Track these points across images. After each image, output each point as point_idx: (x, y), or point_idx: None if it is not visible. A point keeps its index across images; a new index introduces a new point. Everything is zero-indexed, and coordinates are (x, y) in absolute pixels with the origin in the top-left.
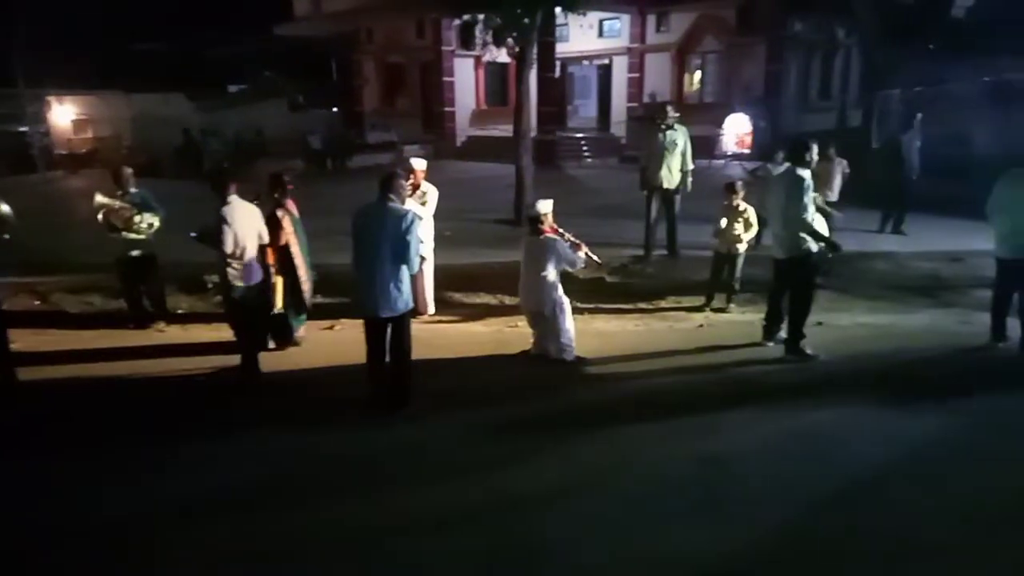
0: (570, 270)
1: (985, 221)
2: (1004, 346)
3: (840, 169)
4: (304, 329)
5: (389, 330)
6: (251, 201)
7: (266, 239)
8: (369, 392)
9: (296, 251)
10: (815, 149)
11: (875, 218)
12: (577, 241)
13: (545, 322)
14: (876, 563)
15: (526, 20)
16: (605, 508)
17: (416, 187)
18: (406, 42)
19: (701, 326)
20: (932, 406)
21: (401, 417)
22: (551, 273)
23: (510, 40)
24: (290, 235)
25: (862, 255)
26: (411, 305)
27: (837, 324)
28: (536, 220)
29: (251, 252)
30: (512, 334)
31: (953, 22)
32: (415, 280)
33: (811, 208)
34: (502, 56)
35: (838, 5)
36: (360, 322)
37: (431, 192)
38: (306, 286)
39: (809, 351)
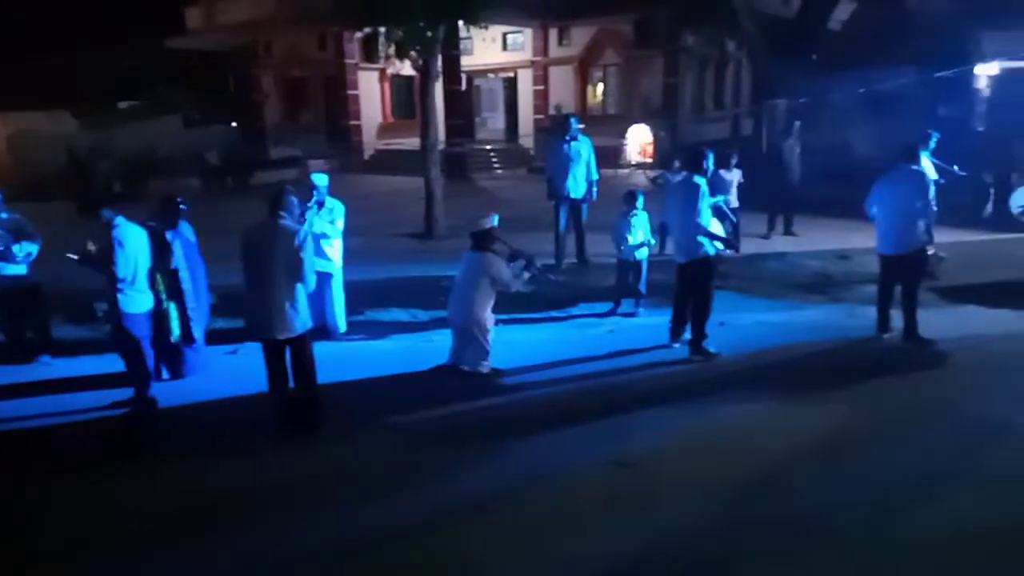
0: (504, 291)
1: (867, 220)
2: (889, 337)
3: (737, 177)
4: (201, 356)
5: (289, 353)
6: (142, 223)
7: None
8: (276, 418)
9: (188, 277)
10: (711, 158)
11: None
12: (529, 254)
13: (467, 336)
14: (778, 551)
15: (429, 33)
16: (528, 515)
17: (321, 204)
18: (308, 55)
19: (611, 331)
20: (827, 397)
21: (312, 441)
22: (486, 291)
23: (413, 53)
24: (180, 260)
25: (758, 256)
26: (309, 325)
27: (738, 323)
28: (480, 235)
29: (142, 277)
30: (426, 349)
31: (831, 35)
32: (324, 299)
33: (707, 213)
34: (407, 69)
35: (727, 20)
36: None
37: (338, 208)
38: (196, 314)
39: (712, 350)
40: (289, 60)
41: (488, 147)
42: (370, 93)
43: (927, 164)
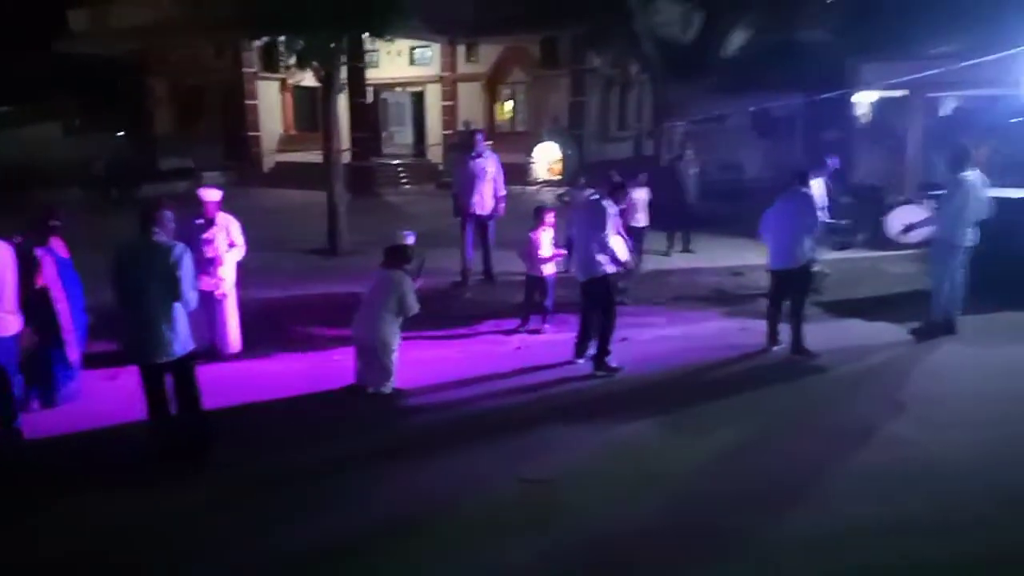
0: (406, 315)
1: (759, 239)
2: (778, 349)
3: (646, 196)
4: (77, 383)
5: (170, 377)
6: (11, 238)
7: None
8: (160, 447)
9: (60, 296)
10: (619, 180)
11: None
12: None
13: (371, 355)
14: (674, 555)
15: (332, 45)
16: (438, 538)
17: (211, 221)
18: (204, 63)
19: (518, 348)
20: (720, 408)
21: (198, 472)
22: (394, 310)
23: (316, 64)
24: (51, 279)
25: (658, 272)
26: (190, 347)
27: (639, 338)
28: (395, 252)
29: (7, 297)
30: (329, 369)
31: (726, 61)
32: (215, 318)
33: (611, 233)
34: (310, 79)
35: (629, 44)
36: None
37: (233, 224)
38: (70, 336)
39: (614, 365)
40: (184, 67)
41: (396, 162)
42: (270, 104)
43: (817, 187)
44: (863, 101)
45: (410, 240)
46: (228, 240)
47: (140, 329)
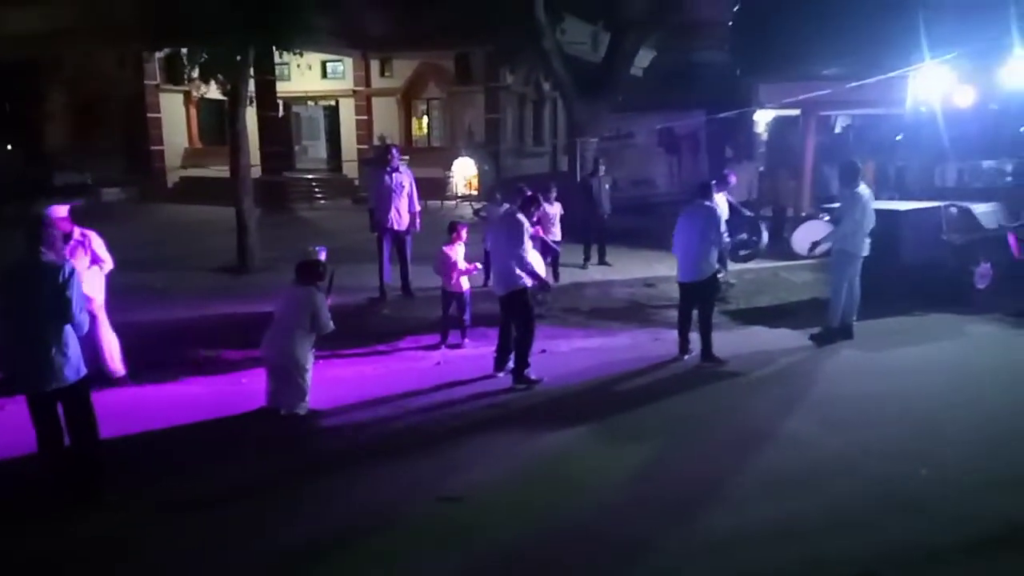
0: (320, 333)
1: (668, 250)
2: (689, 357)
3: (558, 210)
4: None
5: (61, 406)
6: None
7: None
8: (51, 483)
9: None
10: (530, 193)
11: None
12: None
13: (284, 376)
14: (592, 568)
15: (237, 57)
16: (352, 562)
17: (67, 237)
18: (103, 73)
19: (438, 363)
20: (633, 416)
21: (93, 508)
22: (306, 328)
23: (221, 76)
24: None
25: (575, 285)
26: (83, 372)
27: (558, 350)
28: (307, 268)
29: None
30: (238, 392)
31: (634, 80)
32: (93, 341)
33: (528, 247)
34: (217, 92)
35: (540, 62)
36: None
37: (95, 239)
38: None
39: (533, 377)
40: (81, 78)
41: (310, 176)
42: (174, 117)
43: (721, 200)
44: (762, 120)
45: (322, 256)
46: (91, 257)
47: (29, 355)
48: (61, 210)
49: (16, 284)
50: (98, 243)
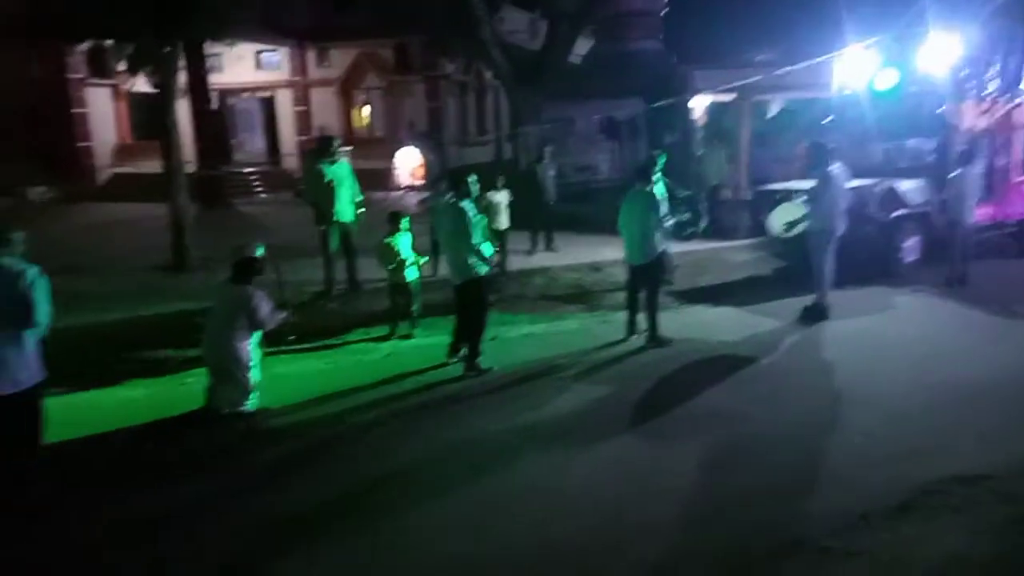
0: (260, 331)
1: (614, 235)
2: (636, 337)
3: (506, 199)
4: None
5: (13, 410)
6: None
7: None
8: None
9: None
10: (474, 180)
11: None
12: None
13: (225, 375)
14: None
15: (165, 49)
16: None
17: None
18: (18, 68)
19: (388, 355)
20: (586, 399)
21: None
22: (244, 326)
23: (149, 69)
24: None
25: (523, 272)
26: (41, 377)
27: (507, 336)
28: (242, 265)
29: None
30: (177, 394)
31: (572, 68)
32: None
33: (478, 235)
34: (147, 85)
35: (478, 50)
36: None
37: None
38: None
39: (484, 366)
40: None
41: (248, 170)
42: (102, 112)
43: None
44: (698, 106)
45: (255, 252)
46: None
47: None
48: None
49: None
50: None
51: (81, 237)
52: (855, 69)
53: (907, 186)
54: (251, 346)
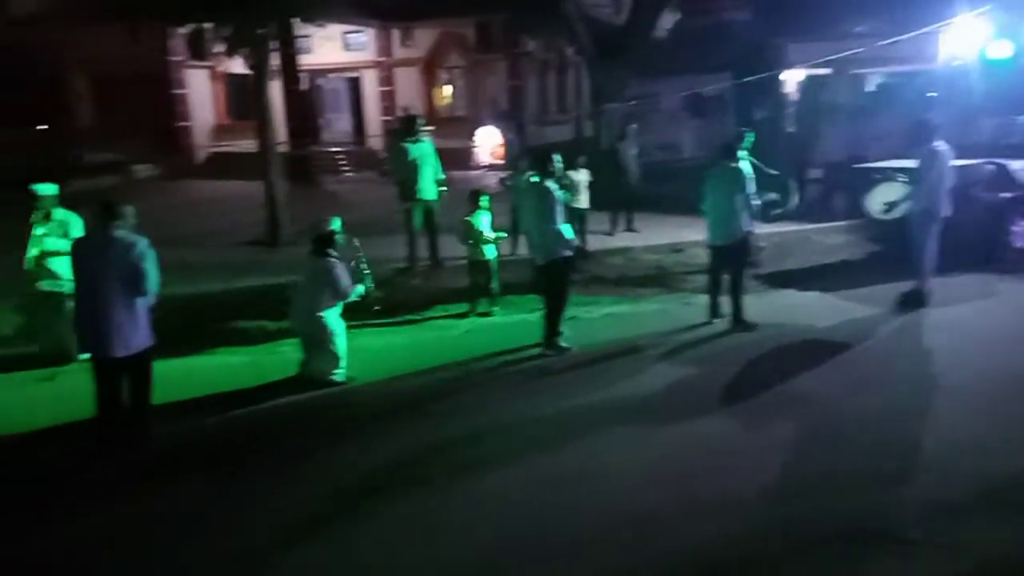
0: (342, 300)
1: (696, 215)
2: (719, 321)
3: (587, 178)
4: None
5: (125, 372)
6: None
7: None
8: (100, 447)
9: None
10: (558, 159)
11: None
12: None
13: (315, 345)
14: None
15: (259, 30)
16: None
17: (48, 216)
18: (126, 52)
19: (468, 332)
20: (667, 381)
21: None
22: (328, 297)
23: (245, 51)
24: None
25: (604, 252)
26: (151, 342)
27: (587, 317)
28: (321, 239)
29: None
30: (273, 361)
31: (658, 42)
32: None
33: (560, 216)
34: (242, 67)
35: (561, 27)
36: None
37: (73, 221)
38: None
39: (564, 345)
40: (104, 58)
41: (335, 149)
42: (200, 92)
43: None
44: (791, 80)
45: (332, 226)
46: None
47: (100, 323)
48: (49, 188)
49: (88, 257)
50: (77, 224)
51: (182, 212)
52: (965, 39)
53: (1018, 165)
54: (335, 316)
